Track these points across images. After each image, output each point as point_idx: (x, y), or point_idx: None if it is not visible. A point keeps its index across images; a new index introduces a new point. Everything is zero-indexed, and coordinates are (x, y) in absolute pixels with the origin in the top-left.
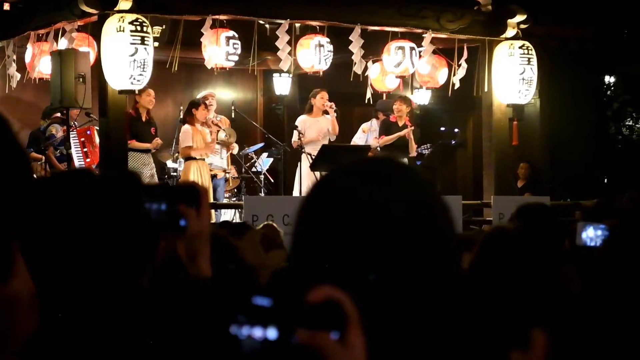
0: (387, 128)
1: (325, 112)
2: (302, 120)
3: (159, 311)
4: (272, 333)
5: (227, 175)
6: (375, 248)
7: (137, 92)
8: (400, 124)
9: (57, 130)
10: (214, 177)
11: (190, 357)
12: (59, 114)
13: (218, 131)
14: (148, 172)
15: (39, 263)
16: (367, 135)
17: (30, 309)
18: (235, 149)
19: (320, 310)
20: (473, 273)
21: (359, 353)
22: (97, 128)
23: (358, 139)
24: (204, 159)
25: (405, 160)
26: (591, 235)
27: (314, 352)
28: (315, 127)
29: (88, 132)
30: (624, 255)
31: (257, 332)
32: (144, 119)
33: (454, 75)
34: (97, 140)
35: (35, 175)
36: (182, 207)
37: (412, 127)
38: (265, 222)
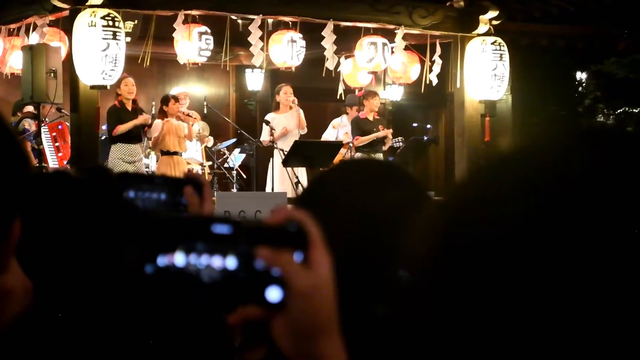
0: (359, 126)
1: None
2: (270, 118)
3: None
4: (231, 261)
5: (203, 169)
6: (368, 250)
7: (109, 86)
8: (371, 118)
9: (30, 125)
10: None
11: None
12: (30, 108)
13: (192, 124)
14: (131, 166)
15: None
16: (337, 130)
17: (23, 302)
18: (210, 141)
19: (282, 231)
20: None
21: (324, 273)
22: (68, 123)
23: (328, 135)
24: (179, 154)
25: (381, 155)
26: None
27: (276, 277)
28: (283, 124)
29: (60, 127)
30: None
31: (217, 261)
32: (129, 109)
33: (430, 71)
34: (68, 135)
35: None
36: (189, 190)
37: (385, 129)
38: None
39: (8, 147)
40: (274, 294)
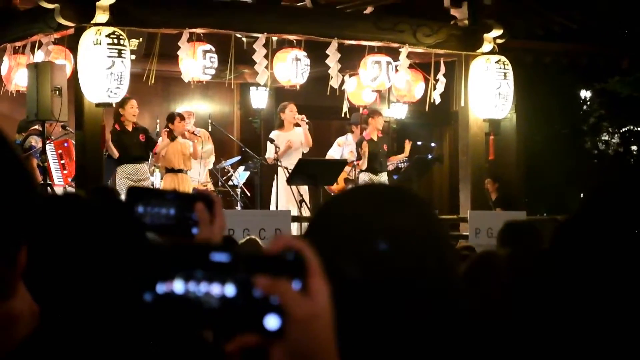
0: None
1: (297, 125)
2: (275, 136)
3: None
4: (230, 289)
5: (206, 188)
6: (379, 274)
7: (114, 104)
8: (375, 138)
9: (37, 142)
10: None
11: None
12: (37, 126)
13: (197, 142)
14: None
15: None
16: (342, 149)
17: (29, 326)
18: (210, 164)
19: (280, 259)
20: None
21: (322, 301)
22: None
23: (334, 153)
24: (184, 172)
25: (385, 174)
26: None
27: (274, 305)
28: (288, 141)
29: (65, 144)
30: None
31: (215, 289)
32: (130, 129)
33: (434, 90)
34: (74, 152)
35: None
36: (200, 206)
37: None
38: (248, 237)
39: (16, 176)
40: (272, 322)
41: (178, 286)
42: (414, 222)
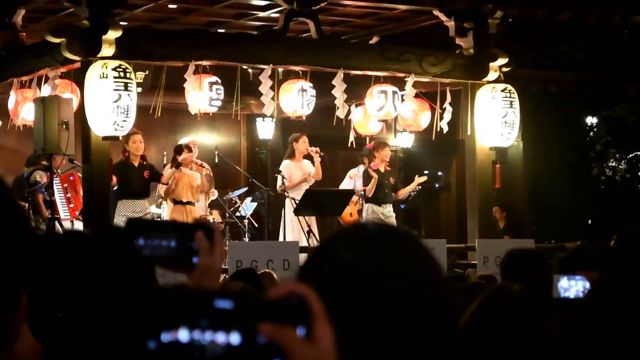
0: (369, 178)
1: (307, 156)
2: (285, 166)
3: None
4: (235, 337)
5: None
6: (376, 318)
7: (121, 137)
8: (382, 169)
9: (42, 177)
10: None
11: None
12: (44, 162)
13: (206, 172)
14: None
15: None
16: (354, 181)
17: None
18: (215, 194)
19: (284, 305)
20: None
21: (326, 347)
22: (80, 175)
23: (345, 185)
24: (192, 204)
25: (391, 204)
26: (565, 286)
27: (279, 351)
28: (300, 172)
29: (71, 178)
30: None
31: (220, 337)
32: (136, 164)
33: (440, 119)
34: (80, 186)
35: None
36: (200, 235)
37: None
38: (264, 271)
39: (15, 226)
40: None
41: (183, 335)
42: (408, 263)
